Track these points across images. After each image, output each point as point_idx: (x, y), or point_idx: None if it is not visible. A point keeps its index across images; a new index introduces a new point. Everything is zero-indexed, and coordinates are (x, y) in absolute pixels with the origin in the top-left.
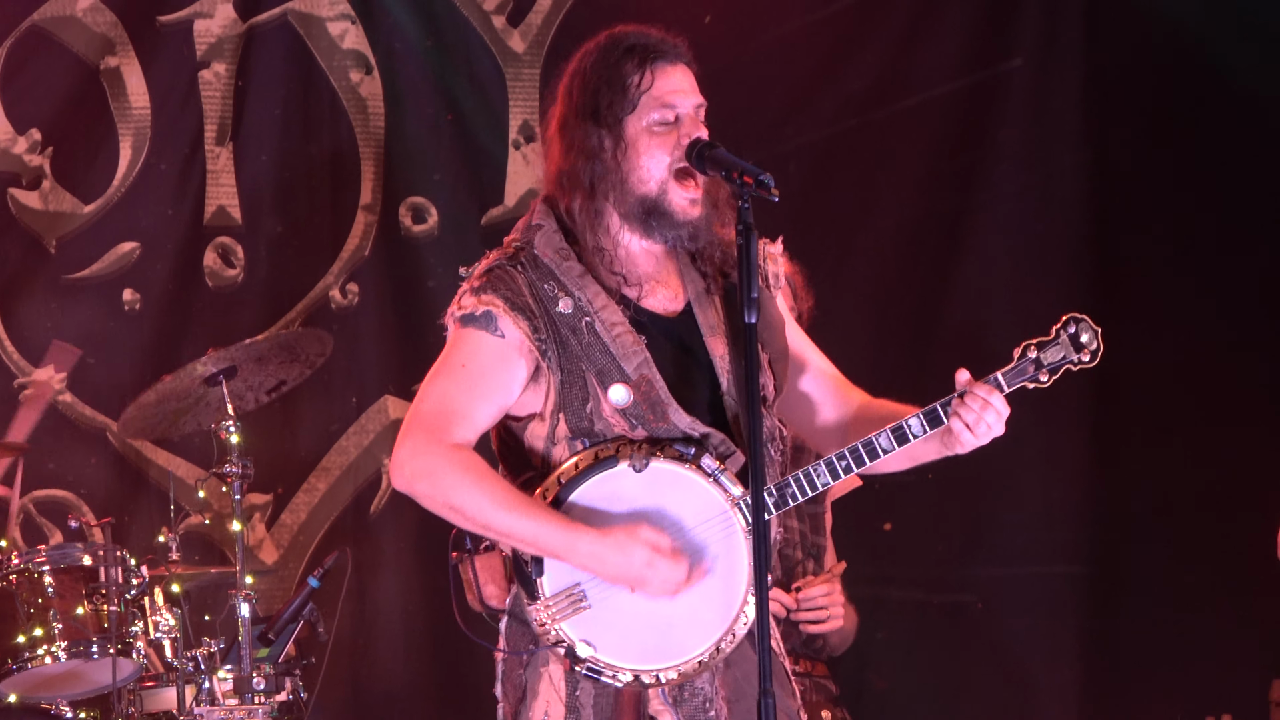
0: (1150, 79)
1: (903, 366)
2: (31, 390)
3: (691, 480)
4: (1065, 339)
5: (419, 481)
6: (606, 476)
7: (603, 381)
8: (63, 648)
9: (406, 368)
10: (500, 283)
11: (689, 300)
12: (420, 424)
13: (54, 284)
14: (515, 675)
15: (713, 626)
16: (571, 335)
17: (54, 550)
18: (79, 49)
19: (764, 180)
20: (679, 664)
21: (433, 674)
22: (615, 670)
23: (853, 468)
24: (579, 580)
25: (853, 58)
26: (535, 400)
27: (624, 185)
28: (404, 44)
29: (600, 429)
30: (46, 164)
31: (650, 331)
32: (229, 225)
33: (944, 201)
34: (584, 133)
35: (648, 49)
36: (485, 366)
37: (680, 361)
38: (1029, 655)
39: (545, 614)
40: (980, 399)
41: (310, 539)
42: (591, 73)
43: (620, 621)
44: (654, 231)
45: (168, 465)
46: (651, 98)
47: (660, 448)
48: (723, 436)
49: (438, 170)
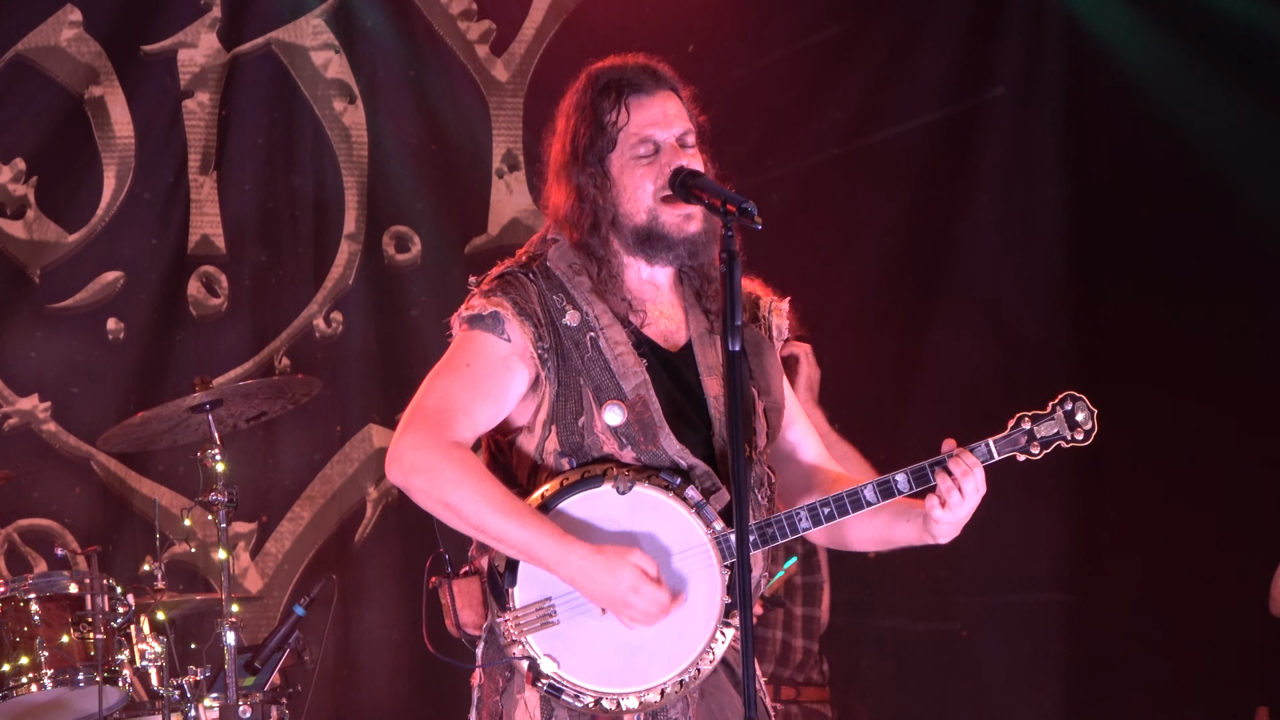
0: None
1: (885, 394)
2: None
3: (673, 509)
4: (1061, 415)
5: (417, 475)
6: (590, 495)
7: (599, 397)
8: (49, 675)
9: (390, 396)
10: (511, 288)
11: (690, 338)
12: (421, 418)
13: (38, 313)
14: (491, 702)
15: (678, 657)
16: (574, 348)
17: (40, 578)
18: (63, 78)
19: (747, 208)
20: (640, 690)
21: (418, 702)
22: (578, 690)
23: (835, 515)
24: (550, 595)
25: (835, 87)
26: (526, 412)
27: (617, 220)
28: (387, 73)
29: (589, 445)
30: (30, 193)
31: (650, 359)
32: (213, 254)
33: (926, 230)
34: (572, 175)
35: (623, 83)
36: (489, 367)
37: (674, 395)
38: (1011, 681)
39: (514, 625)
40: (964, 465)
41: (295, 567)
42: (573, 114)
43: (587, 641)
44: (655, 256)
45: (152, 494)
46: (629, 133)
47: (647, 476)
48: (708, 470)
49: (421, 199)
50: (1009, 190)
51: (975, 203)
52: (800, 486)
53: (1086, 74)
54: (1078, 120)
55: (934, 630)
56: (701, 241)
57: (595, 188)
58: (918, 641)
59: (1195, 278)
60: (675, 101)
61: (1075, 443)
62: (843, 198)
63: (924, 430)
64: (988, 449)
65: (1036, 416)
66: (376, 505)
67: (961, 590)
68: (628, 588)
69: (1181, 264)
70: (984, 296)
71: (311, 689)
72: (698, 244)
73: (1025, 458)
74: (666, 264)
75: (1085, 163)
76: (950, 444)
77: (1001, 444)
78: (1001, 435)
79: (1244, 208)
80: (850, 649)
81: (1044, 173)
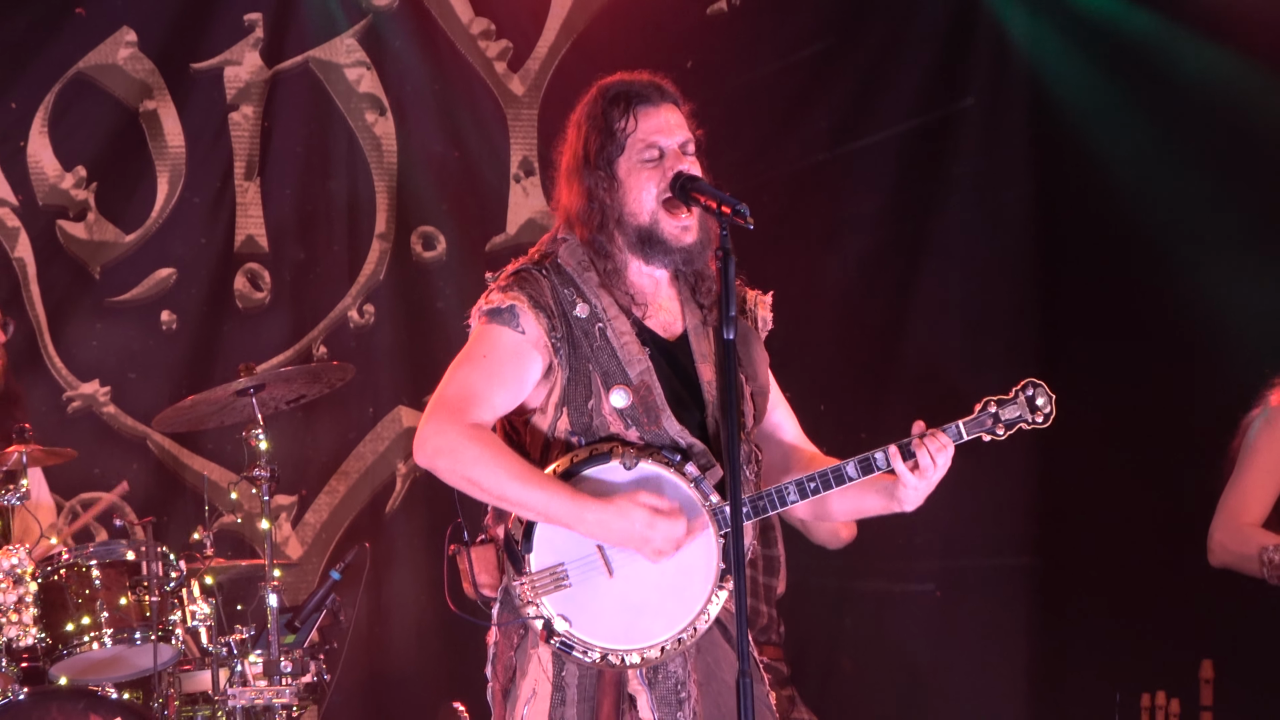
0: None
1: (865, 378)
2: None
3: (675, 483)
4: (1023, 400)
5: (440, 457)
6: (599, 470)
7: (606, 382)
8: (108, 635)
9: (418, 381)
10: (526, 283)
11: (686, 329)
12: (443, 406)
13: (98, 307)
14: (506, 657)
15: (677, 618)
16: (584, 338)
17: (100, 546)
18: (120, 93)
19: (740, 210)
20: (643, 648)
21: (442, 657)
22: (587, 647)
23: (820, 490)
24: (563, 561)
25: (819, 99)
26: (540, 396)
27: (622, 218)
28: (414, 88)
29: (597, 426)
30: (91, 198)
31: (651, 348)
32: (257, 252)
33: (903, 228)
34: (583, 177)
35: (631, 95)
36: (505, 357)
37: (672, 381)
38: (982, 639)
39: (529, 588)
40: (939, 442)
41: (331, 536)
42: (585, 122)
43: (596, 603)
44: (653, 258)
45: (202, 470)
46: (636, 139)
47: (651, 453)
48: (704, 448)
49: (445, 202)
50: (978, 192)
51: (947, 203)
52: (780, 464)
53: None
54: (1039, 128)
55: (911, 591)
56: (696, 250)
57: (604, 189)
58: (896, 602)
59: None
60: (677, 114)
61: (1035, 425)
62: (827, 199)
63: (900, 412)
64: (958, 430)
65: (1001, 401)
66: (405, 480)
67: (936, 555)
68: (643, 524)
69: (1135, 254)
70: (955, 288)
71: (346, 645)
72: (693, 253)
73: (991, 438)
74: (662, 266)
75: (1047, 166)
76: (920, 425)
77: (970, 425)
78: (969, 418)
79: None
80: (834, 609)
81: (1009, 176)
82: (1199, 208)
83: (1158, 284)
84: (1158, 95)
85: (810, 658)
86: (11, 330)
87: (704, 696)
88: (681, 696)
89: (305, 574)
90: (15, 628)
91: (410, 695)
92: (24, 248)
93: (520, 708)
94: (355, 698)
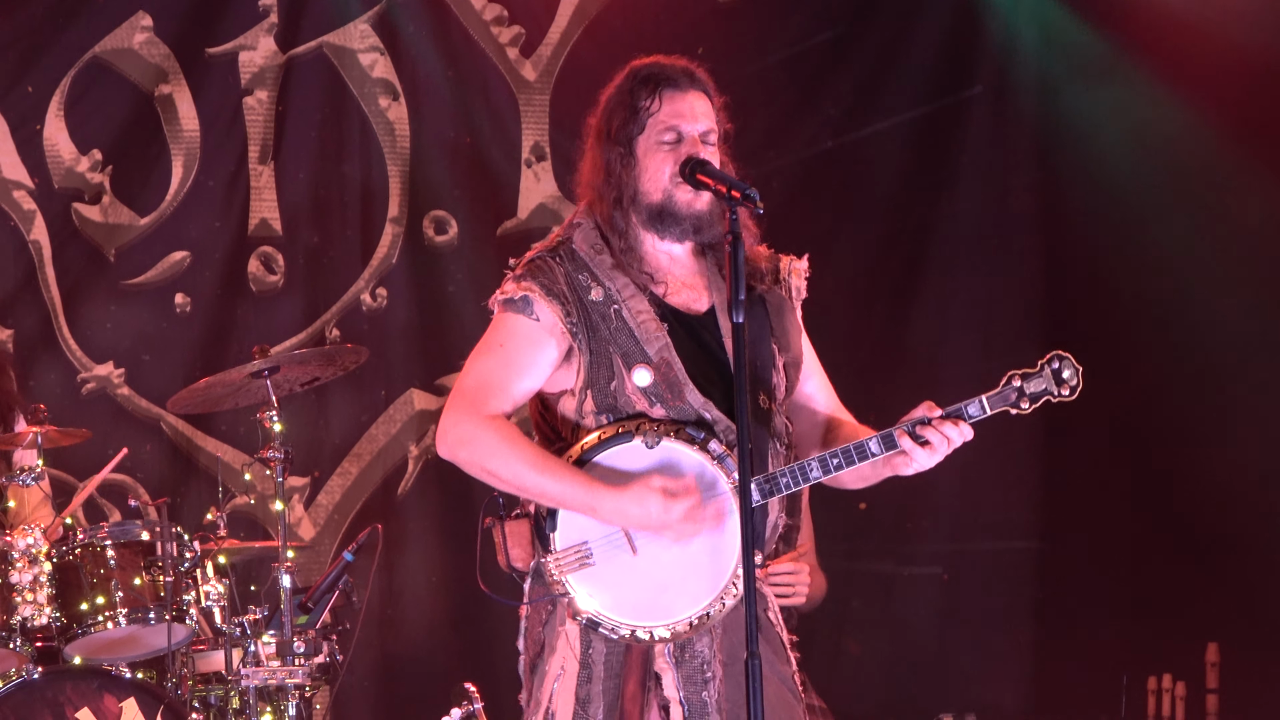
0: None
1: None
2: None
3: (698, 460)
4: (1049, 373)
5: (460, 448)
6: (622, 449)
7: (627, 362)
8: (123, 614)
9: (430, 363)
10: (539, 272)
11: (713, 305)
12: (462, 397)
13: (113, 289)
14: (535, 632)
15: (702, 594)
16: (601, 321)
17: (115, 527)
18: (135, 78)
19: (750, 194)
20: (670, 623)
21: (454, 638)
22: (614, 624)
23: (843, 466)
24: (587, 539)
25: (830, 86)
26: (567, 378)
27: (637, 195)
28: (427, 73)
29: (623, 405)
30: (106, 181)
31: (672, 324)
32: (270, 236)
33: (912, 214)
34: (604, 151)
35: (660, 78)
36: (521, 346)
37: (697, 355)
38: (988, 621)
39: (555, 566)
40: (961, 431)
41: (344, 517)
42: (612, 99)
43: (621, 580)
44: (666, 231)
45: (216, 451)
46: (657, 120)
47: (674, 429)
48: (730, 424)
49: (457, 186)
50: (985, 178)
51: (955, 189)
52: (811, 435)
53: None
54: (1047, 117)
55: (917, 574)
56: (707, 219)
57: (621, 165)
58: (903, 584)
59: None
60: (705, 102)
61: (1062, 398)
62: (837, 185)
63: (907, 398)
64: (981, 404)
65: (1026, 374)
66: (417, 462)
67: (942, 538)
68: (659, 508)
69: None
70: (962, 275)
71: (359, 626)
72: (703, 220)
73: (1016, 412)
74: (675, 239)
75: (1054, 154)
76: (928, 405)
77: (994, 399)
78: (994, 391)
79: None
80: (842, 591)
81: (1016, 162)
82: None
83: (1164, 272)
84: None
85: (816, 640)
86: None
87: (728, 677)
88: (707, 676)
89: (318, 555)
90: (30, 607)
91: (422, 675)
92: (40, 230)
93: (548, 684)
94: (368, 678)
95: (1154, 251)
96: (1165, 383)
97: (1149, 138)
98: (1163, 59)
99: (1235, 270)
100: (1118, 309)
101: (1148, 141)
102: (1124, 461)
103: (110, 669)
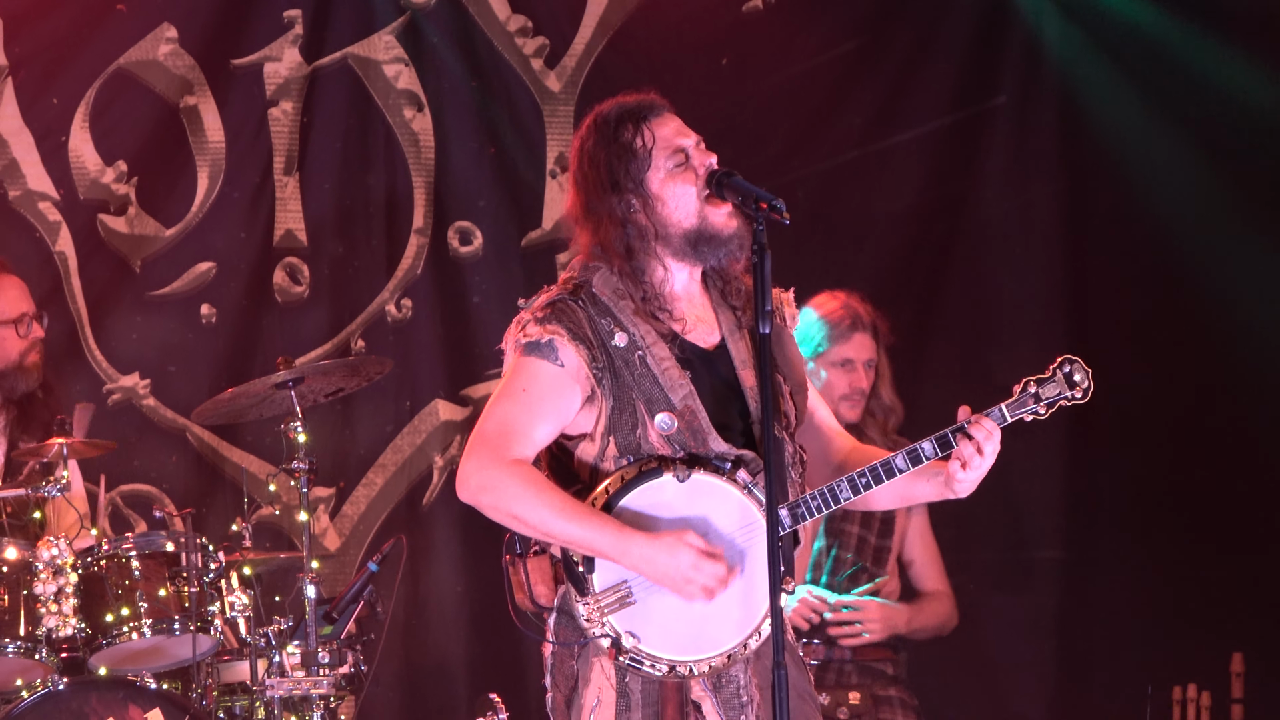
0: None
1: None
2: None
3: (728, 491)
4: (1060, 377)
5: (483, 494)
6: (651, 486)
7: (650, 409)
8: (148, 625)
9: (454, 374)
10: (564, 315)
11: (723, 335)
12: (484, 442)
13: (139, 300)
14: (566, 666)
15: (743, 624)
16: (625, 367)
17: (140, 538)
18: (160, 89)
19: (777, 205)
20: (710, 657)
21: (479, 649)
22: (655, 660)
23: (871, 484)
24: (626, 578)
25: (853, 95)
26: (588, 422)
27: (666, 231)
28: (452, 84)
29: (646, 451)
30: (132, 192)
31: (694, 365)
32: (296, 247)
33: (935, 223)
34: (609, 205)
35: (635, 112)
36: (544, 391)
37: (717, 391)
38: (1010, 631)
39: (595, 608)
40: (984, 429)
41: (369, 528)
42: (597, 151)
43: (661, 617)
44: (707, 257)
45: (241, 462)
46: (659, 149)
47: (701, 462)
48: (754, 455)
49: (482, 197)
50: (1009, 187)
51: (979, 199)
52: (821, 457)
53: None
54: (1070, 126)
55: None
56: (745, 236)
57: (637, 210)
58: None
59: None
60: (678, 119)
61: (1075, 400)
62: (860, 194)
63: (932, 408)
64: (1001, 413)
65: (1040, 380)
66: (442, 473)
67: (964, 548)
68: (689, 565)
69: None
70: (986, 284)
71: (383, 637)
72: (744, 239)
73: (1033, 418)
74: (717, 262)
75: (1077, 164)
76: (966, 411)
77: (1013, 407)
78: (1011, 400)
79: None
80: None
81: (1040, 172)
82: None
83: (1186, 280)
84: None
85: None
86: (46, 323)
87: (765, 701)
88: (744, 700)
89: (343, 566)
90: (55, 618)
91: (447, 686)
92: (65, 241)
93: (586, 717)
94: (393, 688)
95: (1182, 263)
96: (1191, 393)
97: (1177, 149)
98: None
99: (1267, 282)
100: (1144, 320)
101: (1176, 153)
102: (1147, 471)
103: (135, 680)
